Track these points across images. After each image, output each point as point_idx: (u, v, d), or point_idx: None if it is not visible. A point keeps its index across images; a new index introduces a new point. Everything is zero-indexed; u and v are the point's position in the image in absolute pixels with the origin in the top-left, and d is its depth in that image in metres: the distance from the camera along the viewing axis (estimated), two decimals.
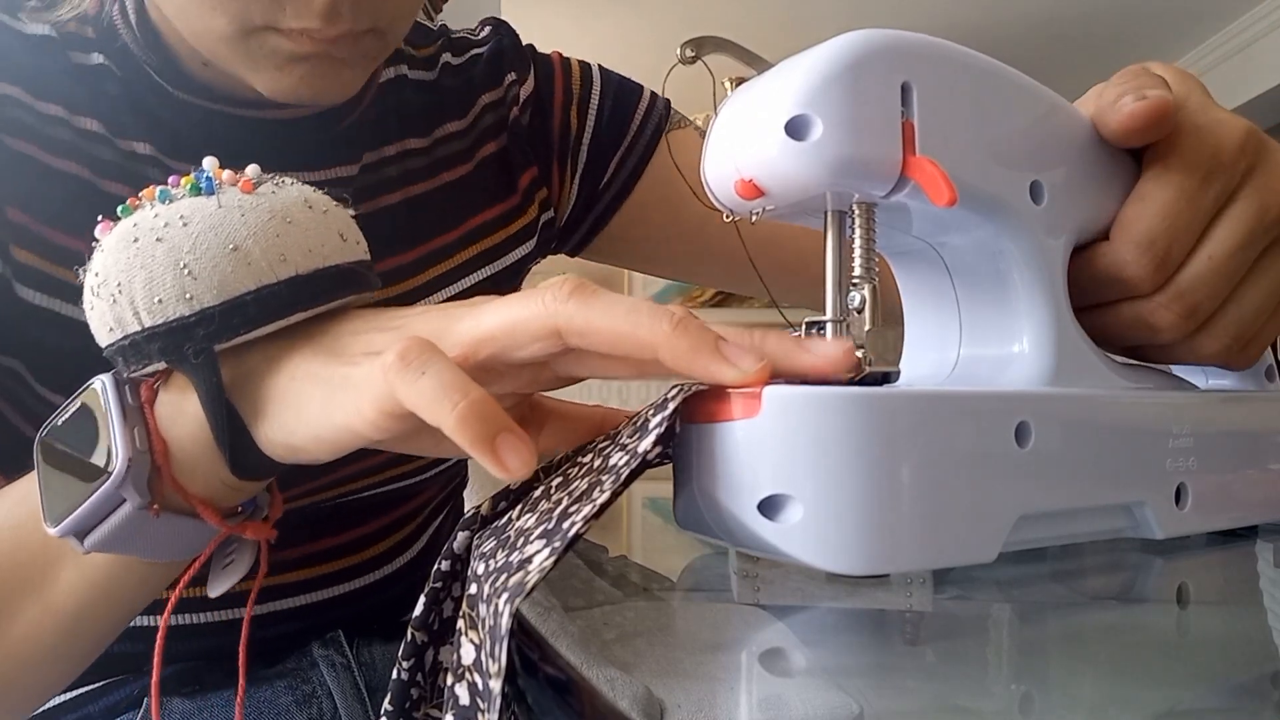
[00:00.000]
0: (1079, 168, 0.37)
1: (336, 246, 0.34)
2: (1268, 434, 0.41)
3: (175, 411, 0.33)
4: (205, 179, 0.33)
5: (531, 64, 0.64)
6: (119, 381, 0.33)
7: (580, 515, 0.25)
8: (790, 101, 0.30)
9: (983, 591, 0.36)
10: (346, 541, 0.57)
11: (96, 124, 0.47)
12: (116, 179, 0.47)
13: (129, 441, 0.31)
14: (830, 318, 0.32)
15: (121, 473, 0.31)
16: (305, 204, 0.34)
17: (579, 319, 0.28)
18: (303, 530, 0.55)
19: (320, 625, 0.57)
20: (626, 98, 0.65)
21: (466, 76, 0.61)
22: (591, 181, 0.64)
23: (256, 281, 0.31)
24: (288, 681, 0.53)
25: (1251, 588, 0.39)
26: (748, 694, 0.26)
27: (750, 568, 0.41)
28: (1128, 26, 3.61)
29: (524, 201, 0.61)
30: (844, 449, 0.27)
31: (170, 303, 0.31)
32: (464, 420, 0.26)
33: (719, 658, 0.29)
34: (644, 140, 0.64)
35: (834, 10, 3.25)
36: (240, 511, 0.36)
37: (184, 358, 0.31)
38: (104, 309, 0.32)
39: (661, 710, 0.24)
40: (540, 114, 0.63)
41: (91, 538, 0.32)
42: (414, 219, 0.56)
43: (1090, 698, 0.25)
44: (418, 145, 0.57)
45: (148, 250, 0.31)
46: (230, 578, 0.37)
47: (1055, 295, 0.35)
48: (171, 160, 0.49)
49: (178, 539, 0.33)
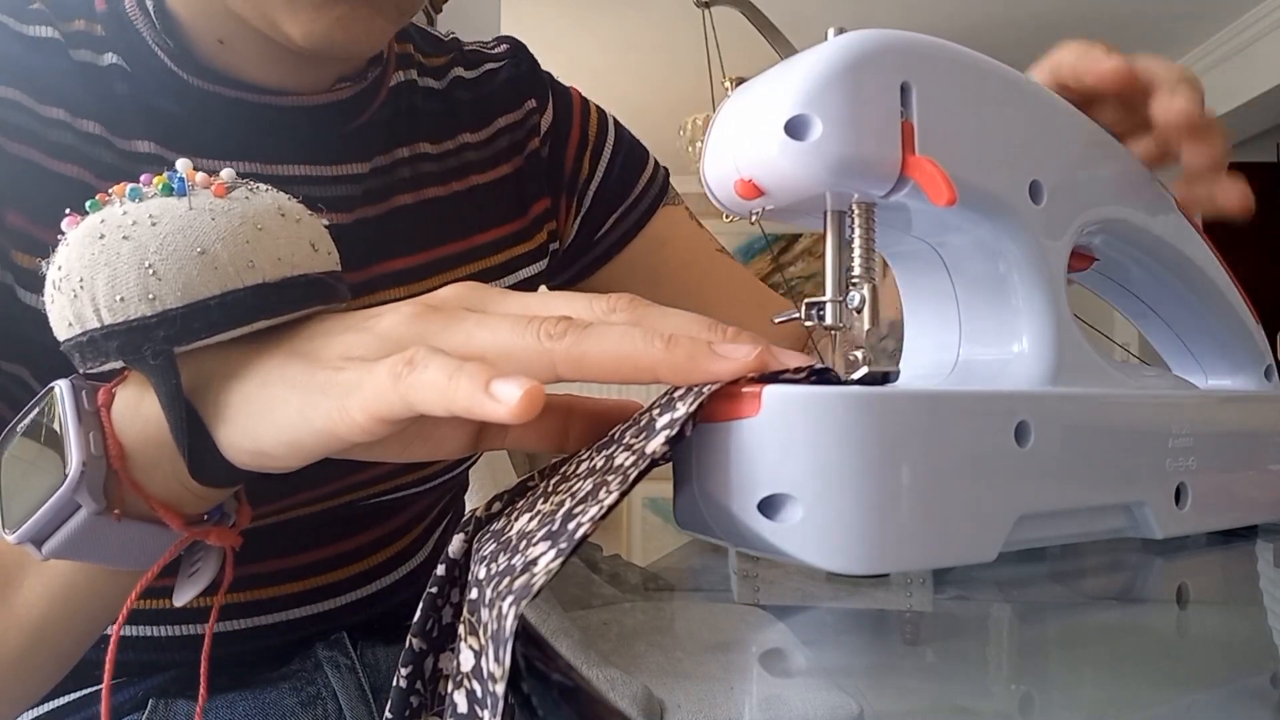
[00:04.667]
0: (1079, 168, 0.37)
1: (307, 255, 0.33)
2: (1268, 434, 0.41)
3: (132, 414, 0.32)
4: (178, 180, 0.32)
5: (551, 95, 0.65)
6: (76, 385, 0.32)
7: (587, 516, 0.25)
8: (790, 101, 0.30)
9: (983, 591, 0.36)
10: (350, 549, 0.57)
11: (98, 126, 0.47)
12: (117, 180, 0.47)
13: (84, 445, 0.30)
14: (830, 321, 0.32)
15: (75, 477, 0.30)
16: (278, 211, 0.33)
17: (575, 353, 0.28)
18: (306, 538, 0.54)
19: (325, 633, 0.56)
20: (635, 159, 0.67)
21: (482, 93, 0.62)
22: (589, 229, 0.66)
23: (222, 286, 0.31)
24: (292, 683, 0.53)
25: (1251, 588, 0.39)
26: (748, 694, 0.26)
27: (750, 568, 0.41)
28: (1128, 26, 3.61)
29: (534, 227, 0.62)
30: (844, 449, 0.27)
31: (132, 302, 0.30)
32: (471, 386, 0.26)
33: (719, 658, 0.29)
34: (644, 205, 0.67)
35: (834, 10, 3.25)
36: (206, 519, 0.35)
37: (142, 358, 0.30)
38: (64, 303, 0.31)
39: (661, 710, 0.24)
40: (556, 149, 0.64)
41: (49, 544, 0.31)
42: (427, 222, 0.56)
43: (1090, 698, 0.25)
44: (432, 150, 0.58)
45: (113, 247, 0.30)
46: (195, 586, 0.36)
47: (1055, 295, 0.35)
48: (173, 156, 0.48)
49: (139, 545, 0.33)
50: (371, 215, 0.53)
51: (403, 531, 0.60)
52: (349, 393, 0.28)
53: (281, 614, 0.55)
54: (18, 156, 0.44)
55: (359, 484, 0.53)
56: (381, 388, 0.28)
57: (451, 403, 0.26)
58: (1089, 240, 0.41)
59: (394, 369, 0.27)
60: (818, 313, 0.32)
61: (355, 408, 0.28)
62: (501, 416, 0.26)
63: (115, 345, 0.30)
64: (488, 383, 0.26)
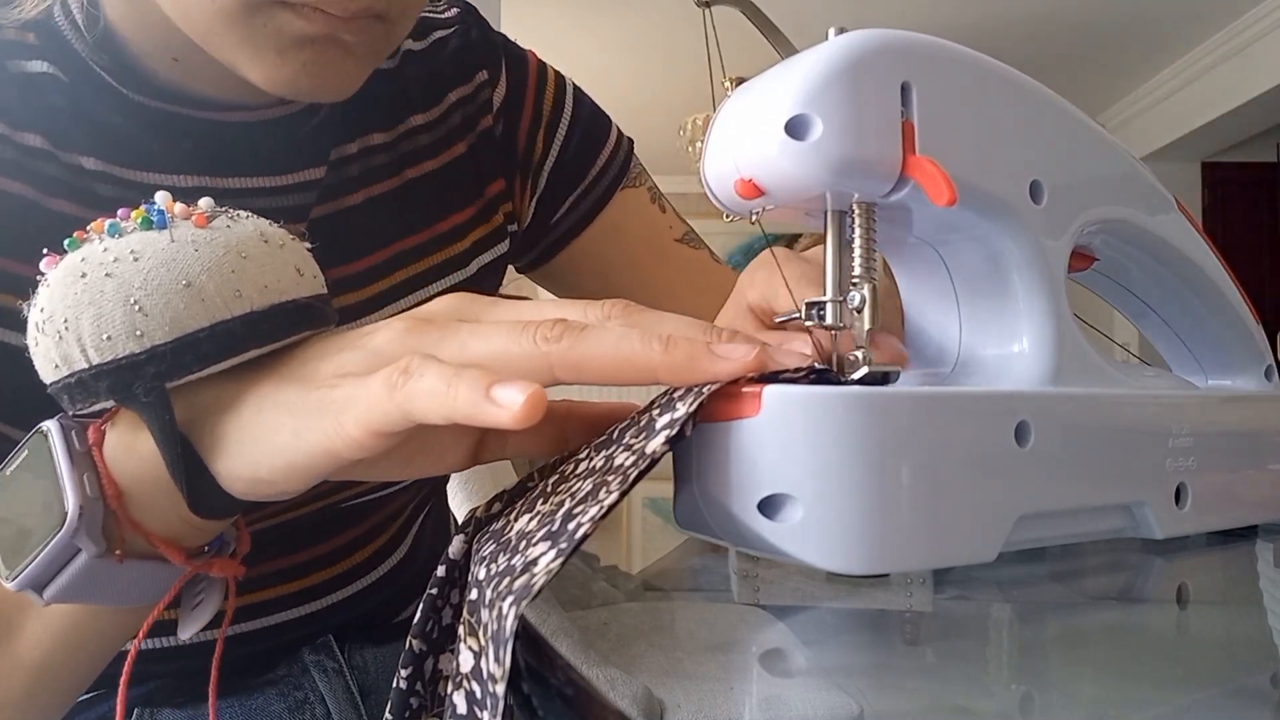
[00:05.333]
0: (1079, 168, 0.37)
1: (293, 281, 0.33)
2: (1268, 434, 0.41)
3: (126, 452, 0.32)
4: (157, 212, 0.32)
5: (504, 64, 0.61)
6: (64, 426, 0.31)
7: (587, 516, 0.25)
8: (790, 101, 0.30)
9: (983, 591, 0.36)
10: (328, 551, 0.56)
11: (39, 139, 0.44)
12: (63, 196, 0.45)
13: (79, 488, 0.30)
14: (830, 321, 0.32)
15: (74, 522, 0.29)
16: (261, 238, 0.33)
17: (572, 356, 0.28)
18: (283, 544, 0.53)
19: (310, 635, 0.56)
20: (594, 135, 0.64)
21: (432, 66, 0.58)
22: (545, 211, 0.63)
23: (210, 318, 0.30)
24: (279, 689, 0.53)
25: (1251, 588, 0.39)
26: (748, 694, 0.26)
27: (750, 568, 0.41)
28: (1128, 26, 3.61)
29: (490, 209, 0.59)
30: (844, 449, 0.27)
31: (120, 340, 0.30)
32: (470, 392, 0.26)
33: (719, 658, 0.29)
34: (601, 188, 0.64)
35: (834, 10, 3.25)
36: (206, 550, 0.35)
37: (133, 396, 0.30)
38: (49, 345, 0.30)
39: (661, 710, 0.24)
40: (509, 126, 0.61)
41: (50, 590, 0.31)
42: (377, 220, 0.53)
43: (1090, 698, 0.25)
44: (381, 140, 0.55)
45: (96, 286, 0.30)
46: (200, 618, 0.36)
47: (1055, 295, 0.35)
48: (121, 171, 0.46)
49: (142, 583, 0.32)
50: (326, 217, 0.51)
51: (381, 529, 0.59)
52: (344, 409, 0.28)
53: (265, 619, 0.54)
54: None
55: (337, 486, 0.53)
56: (376, 399, 0.27)
57: (452, 410, 0.26)
58: (1089, 240, 0.41)
59: (389, 379, 0.27)
60: (818, 313, 0.32)
61: (351, 423, 0.28)
62: (505, 421, 0.25)
63: (105, 385, 0.30)
64: (488, 388, 0.26)
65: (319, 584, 0.56)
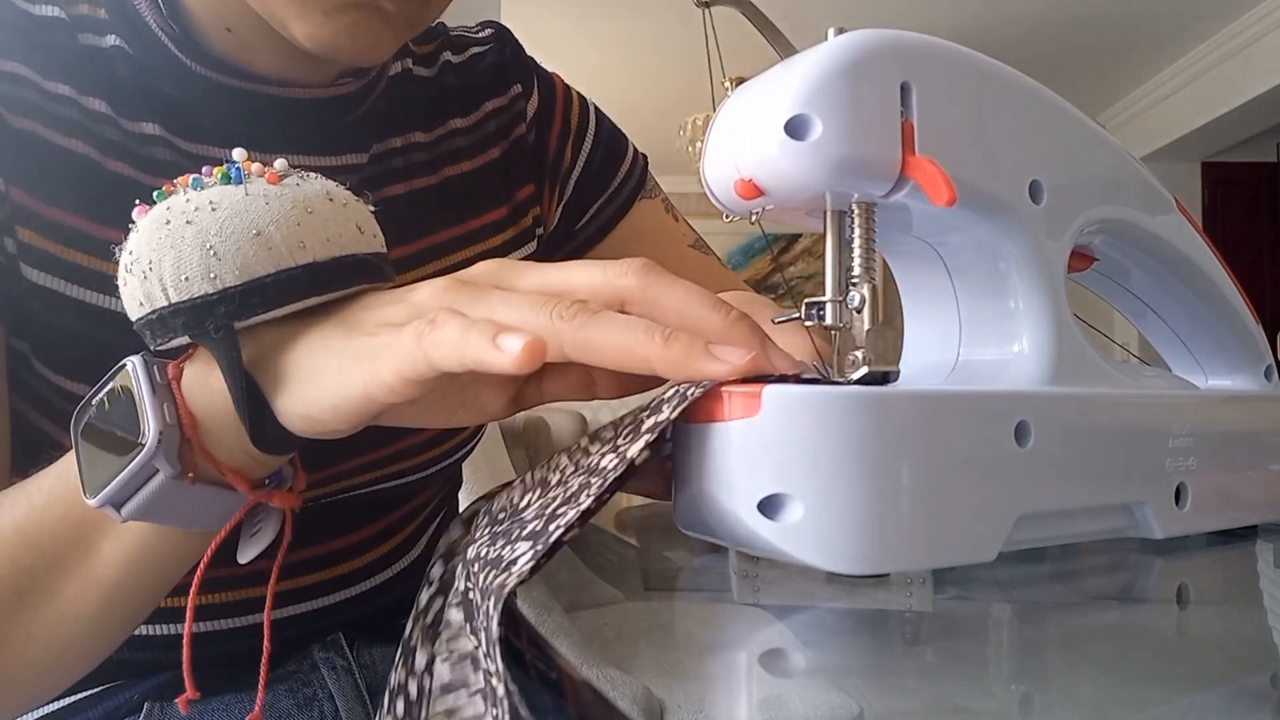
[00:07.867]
0: (1079, 168, 0.37)
1: (354, 237, 0.36)
2: (1268, 434, 0.41)
3: (200, 386, 0.35)
4: (235, 169, 0.35)
5: (535, 81, 0.65)
6: (148, 361, 0.35)
7: (565, 520, 0.26)
8: (790, 101, 0.30)
9: (983, 591, 0.36)
10: (345, 546, 0.57)
11: (104, 105, 0.47)
12: (122, 159, 0.47)
13: (159, 415, 0.33)
14: (831, 321, 0.32)
15: (153, 445, 0.33)
16: (326, 196, 0.36)
17: (581, 336, 0.30)
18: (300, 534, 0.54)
19: (321, 631, 0.56)
20: (615, 149, 0.68)
21: (469, 77, 0.63)
22: (570, 218, 0.66)
23: (276, 265, 0.33)
24: (288, 685, 0.53)
25: (1251, 588, 0.39)
26: (748, 694, 0.26)
27: (750, 568, 0.41)
28: (1128, 26, 3.61)
29: (519, 212, 0.63)
30: (844, 449, 0.27)
31: (196, 281, 0.33)
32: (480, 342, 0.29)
33: (719, 658, 0.29)
34: (621, 198, 0.68)
35: (834, 10, 3.25)
36: (267, 483, 0.38)
37: (206, 333, 0.33)
38: (135, 285, 0.34)
39: (661, 710, 0.24)
40: (540, 135, 0.65)
41: (128, 507, 0.34)
42: (416, 212, 0.57)
43: (1090, 698, 0.25)
44: (422, 139, 0.59)
45: (178, 232, 0.33)
46: (258, 545, 0.39)
47: (1055, 295, 0.35)
48: (179, 140, 0.49)
49: (208, 507, 0.36)
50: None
51: (398, 527, 0.61)
52: (379, 355, 0.31)
53: (282, 610, 0.55)
54: (22, 130, 0.45)
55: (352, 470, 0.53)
56: (407, 347, 0.30)
57: (464, 356, 0.29)
58: (1089, 240, 0.41)
59: (418, 330, 0.30)
60: (818, 313, 0.32)
61: (386, 369, 0.30)
62: (506, 366, 0.28)
63: (181, 321, 0.33)
64: (495, 336, 0.28)
65: (334, 578, 0.57)
